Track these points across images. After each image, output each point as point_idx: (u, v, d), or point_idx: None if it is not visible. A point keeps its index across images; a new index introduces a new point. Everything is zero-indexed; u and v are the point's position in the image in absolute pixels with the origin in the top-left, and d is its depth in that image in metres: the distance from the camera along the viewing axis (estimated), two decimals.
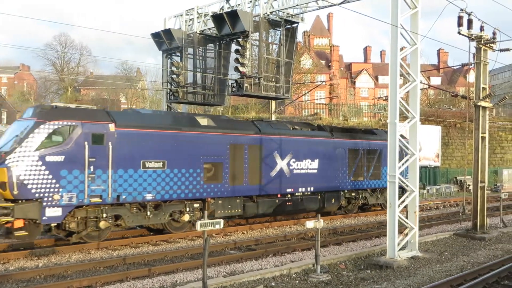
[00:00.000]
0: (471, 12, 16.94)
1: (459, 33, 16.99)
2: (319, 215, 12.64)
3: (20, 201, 13.37)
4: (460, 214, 21.06)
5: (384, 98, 32.87)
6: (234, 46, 20.06)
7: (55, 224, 14.23)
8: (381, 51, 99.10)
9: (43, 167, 13.65)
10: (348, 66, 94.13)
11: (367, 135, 24.21)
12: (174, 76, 22.08)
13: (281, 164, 19.36)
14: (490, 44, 17.97)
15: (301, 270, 12.20)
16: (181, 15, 22.45)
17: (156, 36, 22.21)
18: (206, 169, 17.10)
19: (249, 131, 18.63)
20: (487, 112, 18.81)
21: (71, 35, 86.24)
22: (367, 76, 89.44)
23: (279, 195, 19.50)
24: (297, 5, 18.59)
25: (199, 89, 22.36)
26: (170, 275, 11.83)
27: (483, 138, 18.35)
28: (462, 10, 16.60)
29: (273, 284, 11.13)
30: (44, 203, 13.63)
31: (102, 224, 14.89)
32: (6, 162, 13.32)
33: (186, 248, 14.89)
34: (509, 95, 22.55)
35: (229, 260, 13.47)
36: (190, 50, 22.03)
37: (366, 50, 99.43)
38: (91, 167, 14.30)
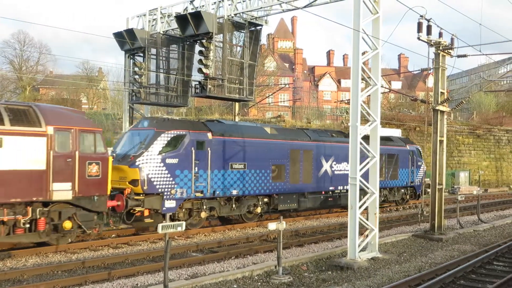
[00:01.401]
0: (430, 19, 17.40)
1: (418, 38, 17.41)
2: (281, 217, 12.70)
3: (147, 195, 16.36)
4: (419, 215, 21.55)
5: (346, 101, 33.31)
6: (197, 47, 19.94)
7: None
8: (343, 55, 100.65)
9: (164, 168, 16.75)
10: (312, 69, 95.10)
11: (386, 141, 27.18)
12: (136, 76, 21.80)
13: (325, 166, 22.83)
14: (448, 50, 18.47)
15: (263, 272, 12.22)
16: (144, 15, 22.20)
17: (118, 35, 21.88)
18: (273, 170, 20.37)
19: (303, 138, 22.06)
20: (445, 116, 19.31)
21: (30, 32, 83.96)
22: (330, 79, 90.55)
23: (323, 192, 22.90)
24: (261, 7, 18.66)
25: (162, 90, 22.15)
26: (131, 278, 11.65)
27: (441, 142, 18.83)
28: (421, 16, 17.02)
29: (235, 286, 11.12)
30: (164, 197, 16.72)
31: (203, 214, 18.13)
32: (137, 163, 16.35)
33: (147, 251, 14.70)
34: (466, 100, 23.18)
35: (191, 262, 13.37)
36: (153, 51, 21.79)
37: (329, 54, 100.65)
38: (196, 168, 17.51)
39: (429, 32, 17.55)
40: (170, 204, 16.88)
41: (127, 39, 21.55)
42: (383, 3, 14.28)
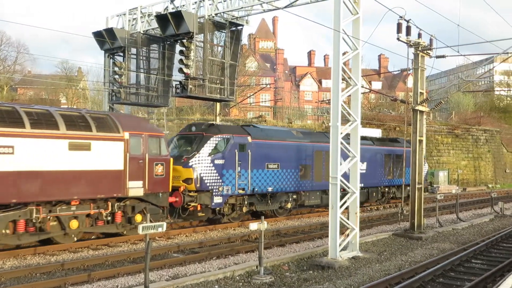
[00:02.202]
0: (410, 20, 17.57)
1: (398, 39, 17.58)
2: (263, 217, 12.69)
3: (199, 192, 18.30)
4: (399, 214, 21.75)
5: (327, 101, 33.46)
6: (178, 47, 19.79)
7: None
8: (324, 56, 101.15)
9: (213, 168, 18.70)
10: (293, 70, 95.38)
11: (394, 143, 30.57)
12: (116, 76, 21.58)
13: (343, 165, 22.75)
14: (427, 51, 18.68)
15: (245, 272, 12.21)
16: (124, 14, 21.99)
17: (97, 35, 21.65)
18: (301, 169, 22.44)
19: (324, 140, 23.35)
20: (424, 116, 19.53)
21: (7, 31, 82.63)
22: (311, 79, 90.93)
23: (342, 190, 22.22)
24: (242, 7, 18.63)
25: (143, 90, 21.97)
26: (111, 280, 11.54)
27: (420, 141, 19.04)
28: (401, 17, 17.18)
29: (216, 287, 11.09)
30: (213, 193, 18.62)
31: (244, 209, 20.22)
32: (190, 164, 18.26)
33: (128, 252, 14.57)
34: (445, 100, 23.48)
35: (172, 263, 13.29)
36: (133, 50, 21.60)
37: (310, 54, 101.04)
38: (239, 168, 19.48)
39: (408, 33, 17.73)
40: (218, 199, 18.87)
41: (106, 39, 21.32)
42: (363, 3, 14.40)
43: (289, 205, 22.32)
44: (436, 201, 22.58)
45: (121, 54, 21.81)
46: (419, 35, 18.24)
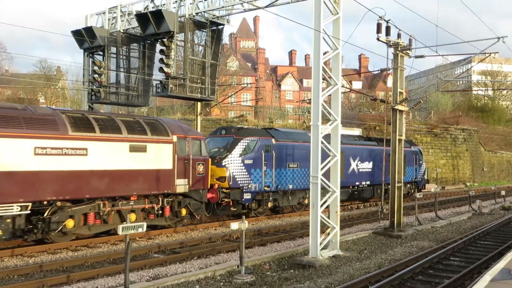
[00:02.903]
0: (389, 20, 17.72)
1: (378, 39, 17.71)
2: (244, 216, 12.70)
3: (231, 189, 20.31)
4: (379, 213, 21.93)
5: (308, 101, 33.61)
6: (159, 46, 19.68)
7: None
8: (305, 55, 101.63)
9: (243, 167, 20.69)
10: (274, 69, 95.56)
11: None
12: (96, 75, 21.37)
13: (353, 165, 27.40)
14: (407, 51, 18.87)
15: (226, 272, 12.19)
16: (104, 13, 21.78)
17: (77, 33, 21.42)
18: None
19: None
20: (404, 116, 19.73)
21: None
22: (292, 79, 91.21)
23: (351, 187, 27.34)
24: (222, 7, 18.60)
25: (123, 90, 21.80)
26: (91, 281, 11.42)
27: (400, 141, 19.23)
28: (380, 17, 17.31)
29: (197, 287, 11.06)
30: (243, 190, 20.59)
31: (269, 204, 22.22)
32: (223, 163, 20.28)
33: (108, 253, 14.43)
34: (424, 100, 23.77)
35: (152, 264, 13.21)
36: (113, 49, 21.41)
37: (291, 54, 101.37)
38: (265, 167, 21.51)
39: (388, 33, 17.87)
40: (247, 196, 20.88)
41: (86, 37, 21.10)
42: (343, 4, 14.47)
43: (306, 201, 24.18)
44: (416, 199, 22.83)
45: (101, 53, 21.61)
46: (399, 35, 18.42)
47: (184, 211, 18.49)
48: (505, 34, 18.10)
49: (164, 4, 19.50)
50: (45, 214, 14.52)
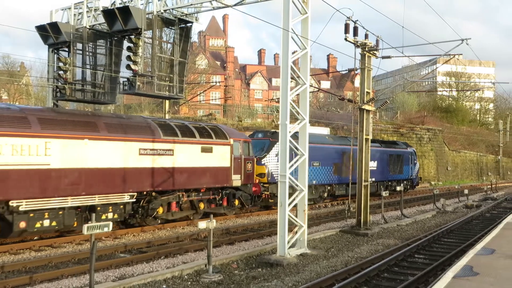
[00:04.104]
0: (357, 20, 17.93)
1: (346, 39, 17.90)
2: (212, 215, 12.65)
3: (270, 184, 24.03)
4: (346, 211, 22.19)
5: (276, 100, 33.76)
6: (126, 43, 19.35)
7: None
8: (274, 54, 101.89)
9: (278, 165, 22.95)
10: (243, 68, 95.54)
11: (394, 145, 38.50)
12: (61, 72, 20.84)
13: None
14: (374, 51, 19.12)
15: (193, 271, 12.13)
16: (69, 8, 21.30)
17: (41, 29, 20.86)
18: (333, 166, 28.73)
19: (347, 143, 29.58)
20: (371, 115, 19.99)
21: None
22: (261, 78, 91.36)
23: (354, 183, 31.29)
24: (191, 4, 18.42)
25: (89, 87, 21.32)
26: (54, 282, 11.20)
27: (367, 140, 19.48)
28: (348, 18, 17.49)
29: (164, 286, 10.96)
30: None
31: None
32: (263, 162, 23.87)
33: (72, 253, 14.16)
34: (390, 100, 24.22)
35: (118, 263, 13.03)
36: (79, 46, 20.92)
37: (260, 53, 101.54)
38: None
39: (355, 33, 18.08)
40: None
41: (50, 33, 20.57)
42: (312, 4, 14.55)
43: (325, 195, 28.57)
44: (382, 198, 23.18)
45: (66, 49, 21.09)
46: (366, 36, 18.64)
47: (237, 202, 22.06)
48: (469, 36, 18.54)
49: (131, 1, 19.18)
50: (141, 203, 18.08)
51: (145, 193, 18.01)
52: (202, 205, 20.54)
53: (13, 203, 13.93)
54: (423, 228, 21.08)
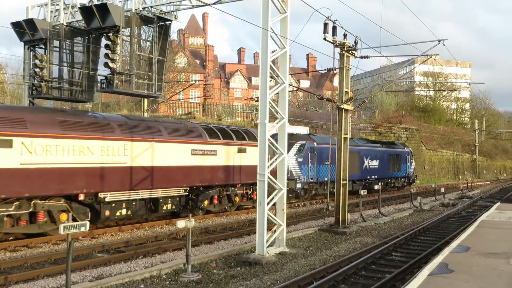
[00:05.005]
0: (336, 20, 18.02)
1: (324, 39, 17.99)
2: (190, 214, 12.60)
3: (289, 180, 24.75)
4: (325, 210, 22.32)
5: (256, 99, 33.82)
6: (104, 41, 19.14)
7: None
8: (254, 53, 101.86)
9: (296, 164, 27.42)
10: (223, 67, 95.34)
11: (393, 145, 41.96)
12: (37, 69, 20.54)
13: (365, 162, 34.82)
14: (352, 51, 19.25)
15: (172, 271, 12.07)
16: (46, 5, 21.00)
17: (16, 25, 20.52)
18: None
19: (353, 143, 30.58)
20: (349, 115, 20.14)
21: None
22: (240, 77, 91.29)
23: (364, 180, 34.73)
24: (170, 2, 18.33)
25: (66, 84, 21.06)
26: (30, 283, 11.04)
27: (345, 139, 19.61)
28: (327, 18, 17.57)
29: (142, 286, 10.88)
30: (297, 181, 27.51)
31: (313, 192, 29.58)
32: None
33: (48, 253, 13.97)
34: (369, 99, 24.47)
35: (96, 263, 12.89)
36: (56, 43, 20.63)
37: (240, 52, 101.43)
38: (310, 164, 28.64)
39: (334, 33, 18.17)
40: (299, 185, 27.90)
41: (26, 30, 20.25)
42: (291, 3, 14.58)
43: (334, 190, 29.55)
44: (360, 196, 23.37)
45: (43, 46, 20.80)
46: (345, 36, 18.76)
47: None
48: (445, 37, 18.77)
49: None
50: (190, 196, 20.73)
51: (194, 187, 20.82)
52: (237, 199, 23.36)
53: (101, 195, 16.89)
54: (401, 226, 21.32)
